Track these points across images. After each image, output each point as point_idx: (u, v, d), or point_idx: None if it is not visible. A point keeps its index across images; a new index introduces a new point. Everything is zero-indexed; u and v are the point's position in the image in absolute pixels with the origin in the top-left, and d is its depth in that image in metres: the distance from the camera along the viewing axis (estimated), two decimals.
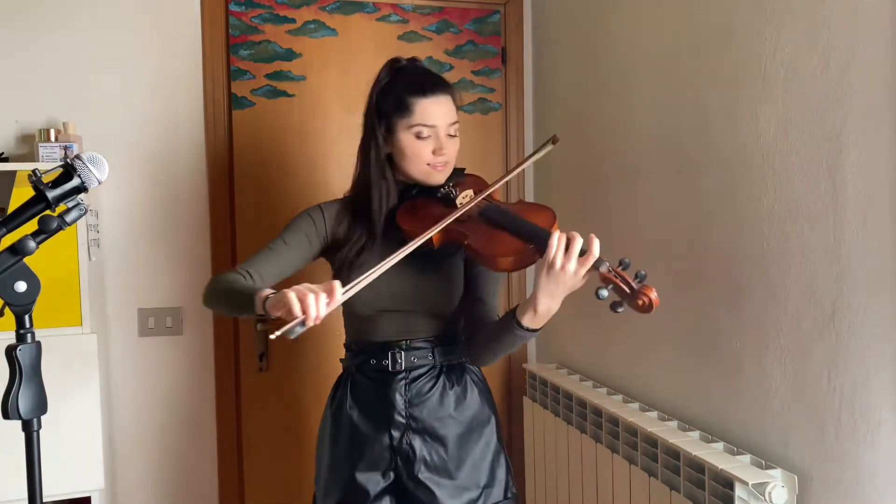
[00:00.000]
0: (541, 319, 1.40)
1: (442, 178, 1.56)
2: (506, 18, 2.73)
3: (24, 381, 1.05)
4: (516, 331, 1.42)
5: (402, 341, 1.58)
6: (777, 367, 1.58)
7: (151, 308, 2.40)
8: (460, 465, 1.57)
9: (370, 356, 1.60)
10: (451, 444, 1.57)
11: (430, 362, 1.59)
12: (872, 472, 1.36)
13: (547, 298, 1.36)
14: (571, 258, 1.32)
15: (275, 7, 2.49)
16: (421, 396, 1.57)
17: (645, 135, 2.05)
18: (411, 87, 1.52)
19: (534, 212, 1.48)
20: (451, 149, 1.55)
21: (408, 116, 1.51)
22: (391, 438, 1.56)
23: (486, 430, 1.61)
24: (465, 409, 1.60)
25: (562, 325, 2.60)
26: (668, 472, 1.77)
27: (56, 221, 1.05)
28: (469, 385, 1.62)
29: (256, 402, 2.53)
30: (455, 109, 1.56)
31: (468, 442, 1.58)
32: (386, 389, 1.57)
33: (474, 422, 1.60)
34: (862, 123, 1.36)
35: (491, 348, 1.53)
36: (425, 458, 1.55)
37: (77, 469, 2.05)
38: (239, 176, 2.48)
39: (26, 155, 2.22)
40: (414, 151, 1.53)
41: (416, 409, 1.56)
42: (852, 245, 1.39)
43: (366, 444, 1.58)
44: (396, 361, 1.57)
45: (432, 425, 1.56)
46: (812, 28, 1.46)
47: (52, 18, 2.28)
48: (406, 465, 1.55)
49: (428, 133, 1.52)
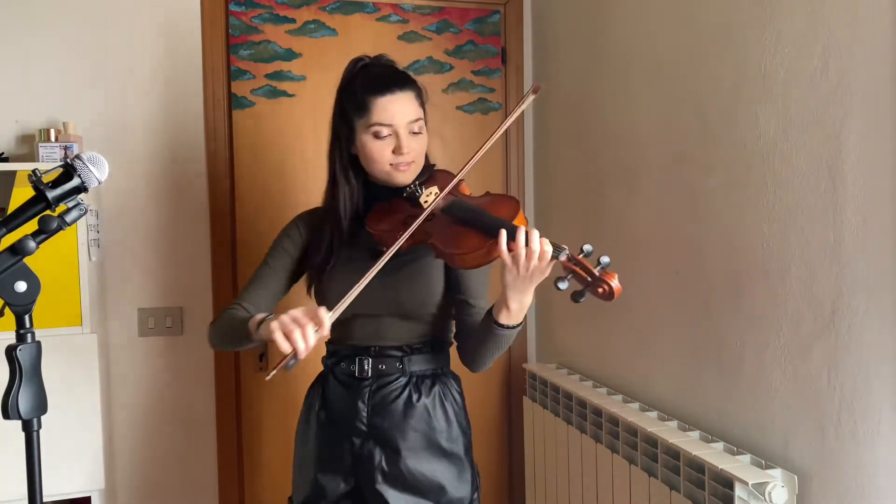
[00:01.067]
0: (516, 315, 1.37)
1: (407, 178, 1.51)
2: (506, 18, 2.73)
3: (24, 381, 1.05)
4: (496, 331, 1.40)
5: (371, 347, 1.56)
6: (777, 367, 1.58)
7: (151, 308, 2.40)
8: (419, 479, 1.52)
9: (340, 359, 1.59)
10: (410, 456, 1.52)
11: (399, 371, 1.55)
12: (872, 472, 1.36)
13: (516, 294, 1.33)
14: (531, 254, 1.26)
15: (275, 7, 2.49)
16: (385, 406, 1.53)
17: (645, 135, 2.05)
18: (368, 86, 1.48)
19: (498, 203, 1.41)
20: (414, 147, 1.50)
21: (365, 116, 1.47)
22: (352, 445, 1.54)
23: (452, 445, 1.56)
24: (431, 422, 1.54)
25: (562, 325, 2.60)
26: (668, 472, 1.77)
27: (56, 221, 1.05)
28: (439, 397, 1.57)
29: (256, 402, 2.53)
30: (418, 106, 1.51)
31: (430, 456, 1.53)
32: (351, 395, 1.56)
33: (440, 435, 1.55)
34: (862, 123, 1.36)
35: (480, 352, 1.50)
36: (383, 467, 1.52)
37: (77, 469, 2.05)
38: (239, 176, 2.48)
39: (26, 155, 2.22)
40: (374, 152, 1.48)
41: (378, 418, 1.53)
42: (852, 245, 1.39)
43: (330, 447, 1.57)
44: (363, 368, 1.55)
45: (392, 436, 1.52)
46: (812, 28, 1.46)
47: (53, 18, 2.28)
48: (365, 473, 1.53)
49: (387, 132, 1.47)
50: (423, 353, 1.58)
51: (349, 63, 1.55)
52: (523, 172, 2.76)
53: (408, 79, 1.52)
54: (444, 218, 1.43)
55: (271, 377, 1.22)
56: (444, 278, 1.56)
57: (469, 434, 1.62)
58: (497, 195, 1.49)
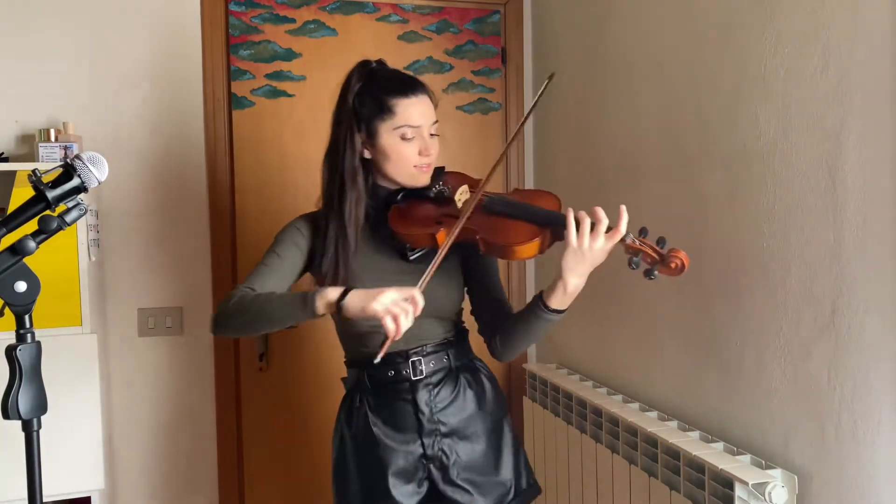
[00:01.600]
0: (569, 299, 1.41)
1: (427, 178, 1.54)
2: (506, 18, 2.73)
3: (24, 381, 1.05)
4: (545, 315, 1.43)
5: (419, 348, 1.55)
6: (777, 367, 1.58)
7: (151, 308, 2.40)
8: (493, 461, 1.58)
9: (388, 367, 1.54)
10: (481, 441, 1.57)
11: (447, 365, 1.58)
12: (872, 472, 1.36)
13: (575, 278, 1.37)
14: (598, 237, 1.33)
15: (275, 7, 2.49)
16: (444, 400, 1.56)
17: (645, 135, 2.05)
18: (391, 88, 1.49)
19: (538, 197, 1.49)
20: (434, 149, 1.53)
21: (390, 118, 1.48)
22: (423, 447, 1.54)
23: (505, 423, 1.63)
24: (486, 406, 1.60)
25: (562, 325, 2.59)
26: (668, 472, 1.77)
27: (56, 221, 1.05)
28: (484, 382, 1.63)
29: (256, 402, 2.53)
30: (434, 109, 1.53)
31: (495, 437, 1.60)
32: (410, 398, 1.54)
33: (495, 417, 1.61)
34: (862, 123, 1.36)
35: (520, 339, 1.52)
36: (459, 459, 1.55)
37: (77, 469, 2.05)
38: (239, 176, 2.48)
39: (26, 155, 2.22)
40: (400, 154, 1.49)
41: (442, 413, 1.55)
42: (852, 245, 1.39)
43: (397, 458, 1.53)
44: (417, 369, 1.54)
45: (460, 426, 1.56)
46: (812, 28, 1.46)
47: (53, 18, 2.28)
48: (441, 471, 1.54)
49: (413, 134, 1.49)
50: (456, 346, 1.61)
51: (355, 67, 1.55)
52: (523, 172, 2.76)
53: (423, 82, 1.54)
54: (485, 213, 1.46)
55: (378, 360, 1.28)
56: (462, 273, 1.61)
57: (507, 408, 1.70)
58: (529, 191, 1.55)
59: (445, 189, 1.53)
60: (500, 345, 1.56)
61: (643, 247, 1.32)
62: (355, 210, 1.51)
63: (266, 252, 1.55)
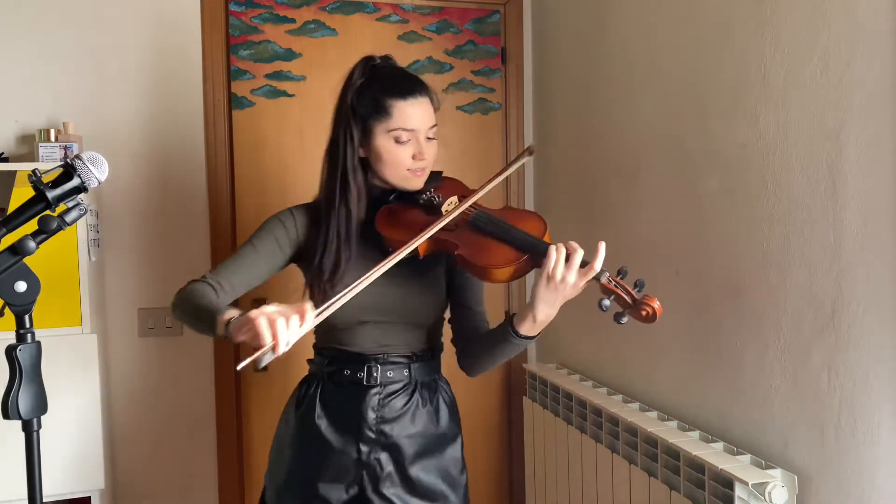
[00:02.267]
0: (539, 327, 1.39)
1: (420, 183, 1.50)
2: (506, 18, 2.73)
3: (24, 381, 1.05)
4: (513, 340, 1.41)
5: (379, 355, 1.52)
6: (777, 367, 1.58)
7: (151, 308, 2.40)
8: (426, 482, 1.53)
9: (344, 366, 1.53)
10: (417, 461, 1.52)
11: (406, 378, 1.54)
12: (872, 472, 1.36)
13: (546, 307, 1.34)
14: (572, 270, 1.30)
15: (275, 7, 2.49)
16: (393, 412, 1.52)
17: (645, 135, 2.05)
18: (389, 89, 1.45)
19: (524, 219, 1.43)
20: (430, 153, 1.49)
21: (386, 120, 1.44)
22: (359, 452, 1.51)
23: (451, 447, 1.57)
24: (435, 428, 1.56)
25: (562, 325, 2.59)
26: (668, 472, 1.77)
27: (56, 221, 1.05)
28: (440, 403, 1.58)
29: (256, 402, 2.53)
30: (433, 112, 1.49)
31: (435, 459, 1.54)
32: (358, 402, 1.52)
33: (442, 439, 1.56)
34: (862, 123, 1.36)
35: (487, 358, 1.51)
36: (391, 473, 1.51)
37: (77, 469, 2.05)
38: (239, 176, 2.48)
39: (26, 155, 2.22)
40: (393, 156, 1.46)
41: (387, 425, 1.51)
42: (852, 245, 1.39)
43: (332, 456, 1.52)
44: (372, 375, 1.52)
45: (401, 442, 1.51)
46: (812, 28, 1.46)
47: (53, 18, 2.28)
48: (372, 480, 1.51)
49: (407, 137, 1.45)
50: (425, 361, 1.57)
51: (359, 62, 1.51)
52: (524, 172, 2.76)
53: (425, 84, 1.50)
54: (470, 229, 1.43)
55: (242, 367, 1.14)
56: (444, 285, 1.58)
57: (462, 435, 1.63)
58: (519, 211, 1.52)
59: (436, 197, 1.50)
60: (467, 359, 1.55)
61: (617, 288, 1.28)
62: (357, 206, 1.49)
63: (245, 241, 1.52)
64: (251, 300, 2.48)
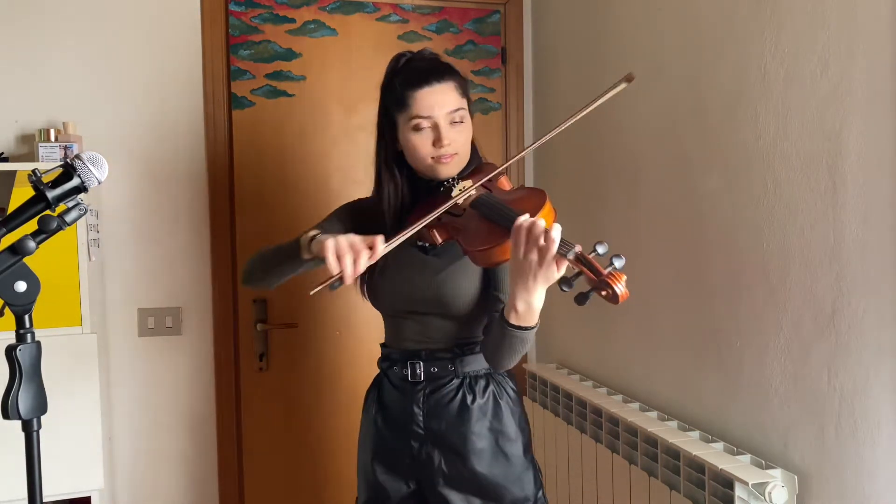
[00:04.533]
0: (526, 316, 1.30)
1: (450, 170, 1.48)
2: (506, 18, 2.73)
3: (24, 381, 1.05)
4: (506, 330, 1.33)
5: (422, 351, 1.54)
6: (777, 367, 1.58)
7: (151, 308, 2.40)
8: (480, 480, 1.50)
9: (394, 363, 1.58)
10: (471, 458, 1.50)
11: (451, 373, 1.53)
12: (872, 472, 1.36)
13: (522, 292, 1.25)
14: (533, 246, 1.19)
15: (275, 7, 2.49)
16: (440, 409, 1.52)
17: (645, 135, 2.05)
18: (407, 80, 1.47)
19: (525, 198, 1.35)
20: (456, 138, 1.47)
21: (406, 110, 1.46)
22: (411, 448, 1.54)
23: (510, 445, 1.53)
24: (488, 423, 1.52)
25: (562, 325, 2.60)
26: (668, 472, 1.77)
27: (56, 221, 1.05)
28: (493, 397, 1.54)
29: (256, 402, 2.53)
30: (459, 96, 1.48)
31: (490, 457, 1.51)
32: (407, 399, 1.54)
33: (497, 436, 1.52)
34: (862, 123, 1.36)
35: (494, 351, 1.42)
36: (444, 470, 1.51)
37: (77, 469, 2.05)
38: (239, 176, 2.48)
39: (26, 155, 2.22)
40: (414, 146, 1.47)
41: (434, 421, 1.52)
42: (852, 245, 1.39)
43: (389, 450, 1.57)
44: (415, 372, 1.53)
45: (451, 439, 1.51)
46: (812, 28, 1.46)
47: (53, 18, 2.28)
48: (427, 476, 1.53)
49: (427, 125, 1.45)
50: (475, 354, 1.55)
51: (391, 60, 1.55)
52: (524, 173, 2.76)
53: (447, 70, 1.50)
54: (473, 214, 1.39)
55: (316, 292, 1.21)
56: (481, 274, 1.53)
57: (528, 432, 1.60)
58: (527, 189, 1.44)
59: (454, 182, 1.47)
60: (485, 350, 1.48)
61: (583, 265, 1.15)
62: (392, 198, 1.53)
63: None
64: (251, 300, 2.48)
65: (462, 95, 1.50)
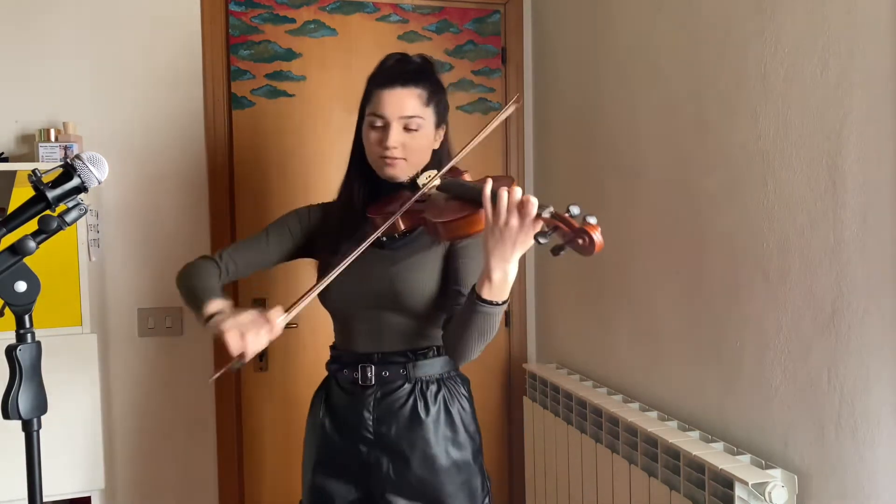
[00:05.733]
0: (499, 289, 1.28)
1: (394, 173, 1.49)
2: (506, 18, 2.73)
3: (24, 381, 1.05)
4: (479, 307, 1.29)
5: (373, 354, 1.53)
6: (777, 366, 1.58)
7: (151, 308, 2.40)
8: (427, 487, 1.49)
9: (343, 366, 1.57)
10: (419, 465, 1.49)
11: (403, 378, 1.52)
12: (872, 472, 1.36)
13: (499, 261, 1.24)
14: (512, 210, 1.19)
15: (275, 7, 2.49)
16: (390, 414, 1.50)
17: (645, 135, 2.05)
18: (376, 78, 1.52)
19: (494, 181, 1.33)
20: (405, 143, 1.47)
21: (369, 105, 1.51)
22: (359, 453, 1.52)
23: (458, 452, 1.52)
24: (438, 429, 1.51)
25: (562, 325, 2.60)
26: (668, 472, 1.77)
27: (56, 221, 1.05)
28: (445, 403, 1.53)
29: (256, 402, 2.53)
30: (421, 105, 1.49)
31: (438, 464, 1.49)
32: (356, 403, 1.53)
33: (447, 444, 1.51)
34: (862, 123, 1.36)
35: (462, 336, 1.37)
36: (391, 477, 1.50)
37: (77, 469, 2.05)
38: (239, 176, 2.48)
39: (26, 155, 2.22)
40: (367, 140, 1.51)
41: (384, 426, 1.50)
42: (852, 245, 1.39)
43: (336, 454, 1.55)
44: (366, 376, 1.52)
45: (400, 445, 1.49)
46: (812, 28, 1.46)
47: (53, 19, 2.28)
48: (375, 482, 1.51)
49: (380, 123, 1.48)
50: (429, 358, 1.54)
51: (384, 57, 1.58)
52: (523, 172, 2.75)
53: (419, 77, 1.50)
54: (438, 197, 1.42)
55: (214, 379, 1.25)
56: (440, 270, 1.51)
57: (478, 439, 1.58)
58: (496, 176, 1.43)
59: (418, 176, 1.49)
60: (447, 340, 1.46)
61: (559, 221, 1.15)
62: (358, 196, 1.55)
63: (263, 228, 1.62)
64: (252, 300, 2.48)
65: (426, 105, 1.50)
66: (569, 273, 2.49)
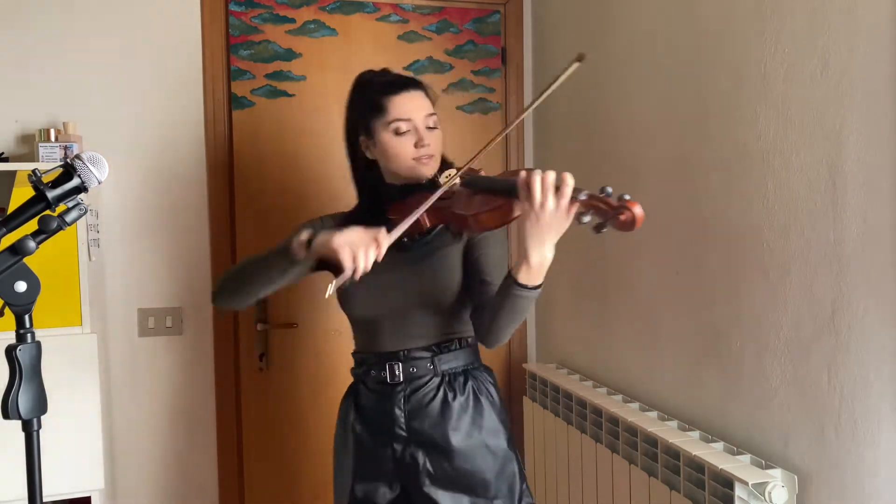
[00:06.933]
0: (536, 272, 1.32)
1: (429, 171, 1.53)
2: (506, 18, 2.73)
3: (24, 381, 1.05)
4: (515, 291, 1.34)
5: (399, 352, 1.55)
6: (777, 367, 1.58)
7: (151, 308, 2.40)
8: (466, 476, 1.52)
9: (370, 367, 1.59)
10: (455, 455, 1.52)
11: (430, 372, 1.55)
12: (872, 472, 1.36)
13: (537, 245, 1.29)
14: (548, 192, 1.25)
15: (275, 7, 2.49)
16: (421, 409, 1.53)
17: (645, 135, 2.05)
18: (382, 88, 1.53)
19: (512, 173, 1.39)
20: (433, 141, 1.53)
21: (384, 115, 1.51)
22: (394, 451, 1.55)
23: (493, 439, 1.55)
24: (470, 419, 1.54)
25: (562, 325, 2.60)
26: (668, 472, 1.77)
27: (56, 221, 1.05)
28: (474, 393, 1.56)
29: (256, 402, 2.52)
30: (430, 103, 1.56)
31: (474, 452, 1.53)
32: (386, 402, 1.55)
33: (481, 431, 1.54)
34: (862, 123, 1.36)
35: (497, 320, 1.42)
36: (429, 470, 1.52)
37: (77, 469, 2.05)
38: (239, 176, 2.48)
39: (26, 155, 2.22)
40: (396, 148, 1.51)
41: (416, 421, 1.53)
42: (852, 245, 1.39)
43: (370, 457, 1.57)
44: (394, 374, 1.55)
45: (433, 438, 1.52)
46: (812, 28, 1.46)
47: (53, 18, 2.28)
48: (412, 478, 1.53)
49: (406, 127, 1.50)
50: (452, 351, 1.57)
51: (355, 79, 1.60)
52: None
53: (418, 80, 1.58)
54: (464, 191, 1.44)
55: (329, 295, 1.23)
56: (461, 264, 1.55)
57: (508, 425, 1.61)
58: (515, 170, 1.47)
59: (437, 175, 1.51)
60: (481, 326, 1.49)
61: (597, 202, 1.22)
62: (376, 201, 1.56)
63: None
64: None
65: (433, 104, 1.57)
66: (569, 273, 2.49)
